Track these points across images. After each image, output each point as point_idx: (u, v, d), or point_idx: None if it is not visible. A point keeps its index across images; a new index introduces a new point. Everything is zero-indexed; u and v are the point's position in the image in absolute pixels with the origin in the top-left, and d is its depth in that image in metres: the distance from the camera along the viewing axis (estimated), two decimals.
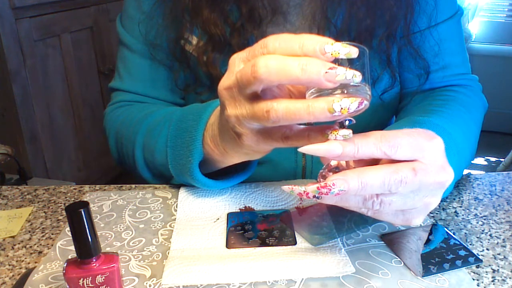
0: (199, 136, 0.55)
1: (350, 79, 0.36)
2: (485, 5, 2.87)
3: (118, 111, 0.74)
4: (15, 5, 1.60)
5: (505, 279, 0.48)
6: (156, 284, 0.48)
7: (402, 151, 0.40)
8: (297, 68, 0.36)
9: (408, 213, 0.43)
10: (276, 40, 0.38)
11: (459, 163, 0.57)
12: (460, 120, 0.62)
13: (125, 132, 0.68)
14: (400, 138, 0.40)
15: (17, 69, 1.64)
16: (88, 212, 0.40)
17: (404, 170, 0.39)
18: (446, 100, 0.67)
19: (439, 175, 0.41)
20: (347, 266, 0.49)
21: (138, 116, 0.68)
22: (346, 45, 0.36)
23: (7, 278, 0.51)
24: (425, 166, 0.40)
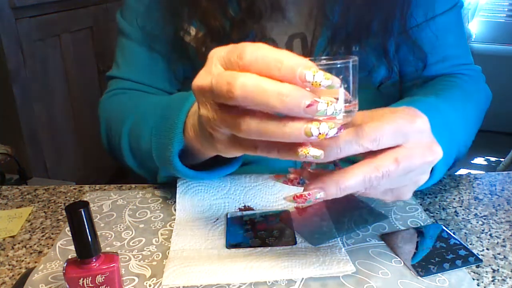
0: (180, 125, 0.53)
1: (331, 113, 0.35)
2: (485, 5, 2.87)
3: (111, 99, 0.73)
4: (15, 5, 1.60)
5: (505, 279, 0.48)
6: (156, 284, 0.48)
7: (384, 141, 0.39)
8: (275, 99, 0.34)
9: (397, 190, 0.44)
10: (253, 54, 0.35)
11: (451, 141, 0.55)
12: (456, 101, 0.61)
13: (114, 120, 0.68)
14: (381, 129, 0.39)
15: (17, 69, 1.64)
16: (88, 212, 0.40)
17: (386, 164, 0.40)
18: (444, 85, 0.67)
19: (426, 156, 0.41)
20: (347, 266, 0.49)
21: (129, 104, 0.68)
22: (329, 75, 0.34)
23: (7, 278, 0.51)
24: (409, 152, 0.40)
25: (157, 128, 0.57)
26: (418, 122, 0.41)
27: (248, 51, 0.36)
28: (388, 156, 0.40)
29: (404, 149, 0.40)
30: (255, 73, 0.35)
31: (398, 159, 0.40)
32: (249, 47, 0.36)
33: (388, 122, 0.40)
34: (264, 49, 0.36)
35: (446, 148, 0.46)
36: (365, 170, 0.39)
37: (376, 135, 0.39)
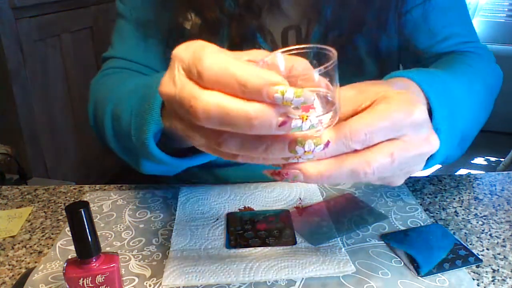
0: (157, 106, 0.48)
1: (307, 128, 0.32)
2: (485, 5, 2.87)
3: (101, 79, 0.71)
4: (15, 5, 1.60)
5: (505, 279, 0.48)
6: (156, 284, 0.48)
7: (376, 139, 0.36)
8: (243, 122, 0.31)
9: (387, 178, 0.41)
10: (211, 69, 0.32)
11: (453, 113, 0.48)
12: (461, 74, 0.56)
13: (100, 100, 0.65)
14: (372, 127, 0.36)
15: (17, 69, 1.64)
16: (88, 212, 0.40)
17: (378, 160, 0.36)
18: (449, 61, 0.63)
19: (422, 148, 0.39)
20: (347, 266, 0.49)
21: (116, 83, 0.64)
22: (300, 92, 0.30)
23: (7, 278, 0.51)
24: (405, 145, 0.37)
25: (136, 108, 0.52)
26: (415, 114, 0.38)
27: (206, 68, 0.32)
28: (381, 151, 0.37)
29: (399, 143, 0.37)
30: (218, 90, 0.32)
31: (393, 154, 0.37)
32: (207, 62, 0.32)
33: (380, 117, 0.36)
34: (225, 64, 0.32)
35: (448, 127, 0.44)
36: (354, 163, 0.36)
37: (366, 135, 0.36)
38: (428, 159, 0.43)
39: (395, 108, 0.37)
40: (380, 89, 0.39)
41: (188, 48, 0.35)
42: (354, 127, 0.36)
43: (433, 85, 0.45)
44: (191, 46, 0.35)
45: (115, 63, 0.73)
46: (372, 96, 0.38)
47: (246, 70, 0.31)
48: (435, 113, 0.43)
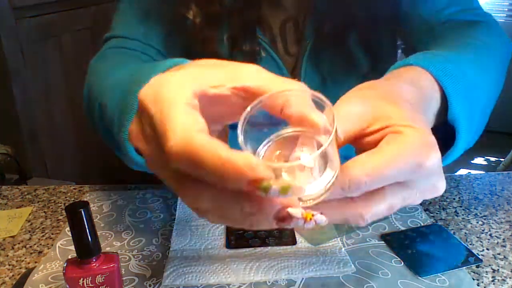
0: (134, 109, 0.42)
1: (310, 227, 0.28)
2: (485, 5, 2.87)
3: (98, 63, 0.69)
4: (15, 5, 1.60)
5: (505, 279, 0.48)
6: (156, 284, 0.48)
7: (380, 185, 0.31)
8: (241, 220, 0.28)
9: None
10: (177, 157, 0.26)
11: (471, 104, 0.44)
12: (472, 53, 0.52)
13: (92, 87, 0.62)
14: (378, 174, 0.30)
15: (17, 69, 1.64)
16: (88, 212, 0.40)
17: (375, 212, 0.32)
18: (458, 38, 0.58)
19: (425, 195, 0.34)
20: (347, 266, 0.49)
21: (110, 69, 0.61)
22: (287, 186, 0.25)
23: (7, 278, 0.51)
24: (409, 194, 0.33)
25: (117, 106, 0.48)
26: (429, 162, 0.32)
27: (173, 155, 0.26)
28: (380, 201, 0.32)
29: (402, 191, 0.32)
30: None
31: (393, 206, 0.32)
32: (173, 147, 0.26)
33: (388, 164, 0.30)
34: (192, 150, 0.26)
35: (466, 108, 0.41)
36: (347, 215, 0.32)
37: (366, 184, 0.30)
38: (448, 155, 0.41)
39: (407, 155, 0.31)
40: (393, 112, 0.34)
41: (155, 97, 0.29)
42: (355, 175, 0.30)
43: (447, 72, 0.41)
44: (159, 97, 0.29)
45: (115, 42, 0.71)
46: (383, 119, 0.33)
47: (219, 161, 0.25)
48: (452, 103, 0.40)
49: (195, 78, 0.30)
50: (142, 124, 0.31)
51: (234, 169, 0.25)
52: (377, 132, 0.34)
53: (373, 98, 0.35)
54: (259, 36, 0.66)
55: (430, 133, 0.34)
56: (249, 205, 0.27)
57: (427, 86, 0.40)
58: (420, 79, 0.41)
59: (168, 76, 0.30)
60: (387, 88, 0.37)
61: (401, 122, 0.33)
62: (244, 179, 0.25)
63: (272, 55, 0.66)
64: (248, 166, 0.25)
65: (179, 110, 0.27)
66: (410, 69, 0.42)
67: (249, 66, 0.31)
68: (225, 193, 0.27)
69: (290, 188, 0.25)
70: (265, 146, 0.30)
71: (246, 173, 0.25)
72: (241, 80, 0.30)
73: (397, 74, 0.42)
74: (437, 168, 0.33)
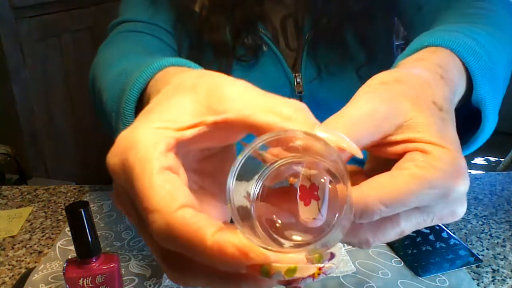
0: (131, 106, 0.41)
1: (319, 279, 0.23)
2: None
3: (105, 48, 0.68)
4: (15, 5, 1.60)
5: (505, 279, 0.48)
6: (156, 284, 0.48)
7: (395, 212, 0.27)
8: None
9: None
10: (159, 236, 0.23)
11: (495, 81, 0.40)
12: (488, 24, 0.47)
13: (96, 76, 0.61)
14: (394, 203, 0.26)
15: (17, 69, 1.64)
16: (88, 212, 0.40)
17: (383, 239, 0.28)
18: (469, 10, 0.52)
19: (443, 221, 0.30)
20: (347, 266, 0.49)
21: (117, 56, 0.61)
22: (293, 269, 0.22)
23: (7, 278, 0.51)
24: (424, 221, 0.29)
25: (115, 99, 0.47)
26: (455, 192, 0.27)
27: (154, 232, 0.23)
28: (393, 228, 0.28)
29: (417, 217, 0.28)
30: None
31: (404, 232, 0.29)
32: (153, 224, 0.23)
33: (408, 192, 0.26)
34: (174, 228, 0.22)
35: (491, 87, 0.37)
36: (350, 239, 0.28)
37: (381, 212, 0.26)
38: (475, 139, 0.38)
39: (433, 183, 0.26)
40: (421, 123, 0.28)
41: (124, 168, 0.25)
42: (368, 203, 0.25)
43: (474, 53, 0.37)
44: (128, 168, 0.24)
45: (123, 27, 0.70)
46: (409, 130, 0.28)
47: (206, 247, 0.21)
48: (479, 83, 0.37)
49: (166, 124, 0.25)
50: (119, 192, 0.27)
51: (224, 257, 0.21)
52: (399, 143, 0.28)
53: (400, 98, 0.29)
54: (261, 31, 0.66)
55: (461, 154, 0.28)
56: (247, 284, 0.23)
57: (456, 75, 0.35)
58: (449, 67, 0.35)
59: (135, 133, 0.25)
60: (416, 84, 0.31)
61: (429, 138, 0.27)
62: (239, 266, 0.22)
63: (274, 50, 0.67)
64: (240, 252, 0.21)
65: (153, 183, 0.23)
66: (437, 52, 0.37)
67: (232, 86, 0.26)
68: (219, 274, 0.23)
69: (297, 269, 0.22)
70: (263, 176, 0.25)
71: (239, 261, 0.21)
72: (222, 108, 0.25)
73: (425, 58, 0.36)
74: (462, 196, 0.28)
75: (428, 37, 0.38)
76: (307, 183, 0.24)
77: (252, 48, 0.66)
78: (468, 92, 0.38)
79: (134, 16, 0.70)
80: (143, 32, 0.68)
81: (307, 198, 0.24)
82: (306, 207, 0.24)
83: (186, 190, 0.24)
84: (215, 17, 0.66)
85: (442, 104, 0.30)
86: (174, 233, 0.22)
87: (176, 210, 0.22)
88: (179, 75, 0.29)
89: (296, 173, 0.24)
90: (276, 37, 0.68)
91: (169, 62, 0.39)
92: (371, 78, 0.31)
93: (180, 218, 0.22)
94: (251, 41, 0.66)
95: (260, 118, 0.25)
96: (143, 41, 0.67)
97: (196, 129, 0.25)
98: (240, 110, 0.25)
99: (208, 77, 0.27)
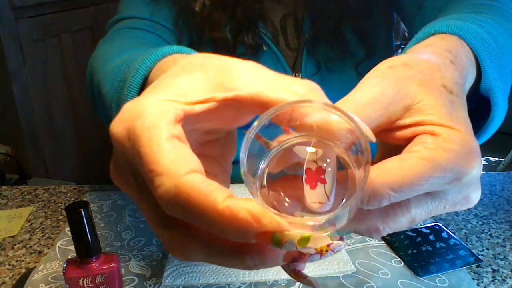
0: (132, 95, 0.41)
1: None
2: None
3: (104, 44, 0.68)
4: (15, 5, 1.60)
5: (505, 279, 0.48)
6: (156, 284, 0.48)
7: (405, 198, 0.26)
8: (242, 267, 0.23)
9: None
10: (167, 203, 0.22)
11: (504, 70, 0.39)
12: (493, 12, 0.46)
13: (94, 70, 0.61)
14: (404, 187, 0.24)
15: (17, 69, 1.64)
16: (88, 212, 0.40)
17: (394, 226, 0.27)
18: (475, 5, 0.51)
19: (456, 208, 0.28)
20: (347, 265, 0.49)
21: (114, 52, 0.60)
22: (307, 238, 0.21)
23: (7, 278, 0.51)
24: (437, 207, 0.27)
25: (114, 92, 0.46)
26: (469, 175, 0.26)
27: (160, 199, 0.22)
28: (403, 214, 0.27)
29: (430, 203, 0.27)
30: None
31: (415, 220, 0.27)
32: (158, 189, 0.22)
33: (420, 175, 0.24)
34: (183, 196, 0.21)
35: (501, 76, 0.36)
36: (359, 227, 0.27)
37: (390, 197, 0.25)
38: (485, 129, 0.37)
39: (445, 165, 0.25)
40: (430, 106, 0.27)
41: (129, 136, 0.24)
42: (376, 188, 0.24)
43: (482, 40, 0.36)
44: (134, 135, 0.23)
45: (122, 24, 0.70)
46: (417, 113, 0.27)
47: (217, 213, 0.21)
48: (488, 70, 0.36)
49: (175, 97, 0.24)
50: (119, 163, 0.26)
51: (235, 222, 0.21)
52: (408, 127, 0.27)
53: (407, 81, 0.28)
54: (261, 31, 0.67)
55: (472, 136, 0.27)
56: (252, 258, 0.23)
57: (465, 61, 0.34)
58: (459, 52, 0.34)
59: (142, 103, 0.24)
60: (425, 68, 0.29)
61: (438, 120, 0.26)
62: (249, 233, 0.21)
63: (274, 49, 0.67)
64: (253, 217, 0.21)
65: (161, 148, 0.22)
66: (446, 38, 0.36)
67: (242, 65, 0.26)
68: (222, 246, 0.23)
69: (311, 239, 0.21)
70: (267, 160, 0.24)
71: (251, 227, 0.21)
72: (233, 85, 0.25)
73: (434, 44, 0.35)
74: (476, 179, 0.27)
75: (435, 25, 0.37)
76: (313, 166, 0.23)
77: (252, 46, 0.66)
78: (477, 82, 0.37)
79: (134, 13, 0.70)
80: (143, 29, 0.68)
81: (313, 181, 0.22)
82: (312, 190, 0.22)
83: (195, 158, 0.23)
84: (216, 14, 0.66)
85: (452, 88, 0.29)
86: (183, 196, 0.21)
87: (185, 174, 0.22)
88: (184, 58, 0.28)
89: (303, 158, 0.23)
90: (276, 37, 0.69)
91: (173, 50, 0.38)
92: (380, 63, 0.30)
93: (190, 181, 0.21)
94: (251, 40, 0.66)
95: (272, 94, 0.24)
96: (143, 38, 0.67)
97: (206, 104, 0.24)
98: (252, 87, 0.24)
99: (217, 58, 0.26)
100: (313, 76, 0.67)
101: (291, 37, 0.69)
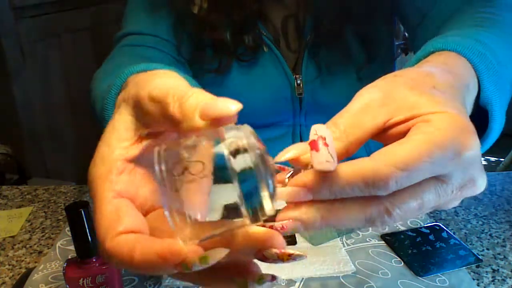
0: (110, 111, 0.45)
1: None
2: None
3: (102, 66, 0.69)
4: (15, 5, 1.60)
5: (505, 279, 0.48)
6: (156, 284, 0.48)
7: (410, 182, 0.26)
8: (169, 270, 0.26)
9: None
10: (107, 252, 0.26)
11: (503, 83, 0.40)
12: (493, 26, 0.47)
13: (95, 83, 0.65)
14: (407, 169, 0.25)
15: (17, 69, 1.64)
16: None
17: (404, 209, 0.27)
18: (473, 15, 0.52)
19: (463, 193, 0.29)
20: (347, 266, 0.49)
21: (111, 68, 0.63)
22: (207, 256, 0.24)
23: (7, 278, 0.51)
24: (443, 191, 0.28)
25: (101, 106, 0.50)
26: (466, 151, 0.27)
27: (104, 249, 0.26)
28: (409, 197, 0.27)
29: (435, 186, 0.27)
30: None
31: (424, 204, 0.27)
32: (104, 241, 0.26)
33: (419, 156, 0.25)
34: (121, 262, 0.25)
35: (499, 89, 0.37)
36: (369, 212, 0.27)
37: (396, 182, 0.25)
38: (484, 141, 0.38)
39: (442, 141, 0.26)
40: (420, 100, 0.29)
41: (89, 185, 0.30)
42: (381, 172, 0.25)
43: (480, 55, 0.37)
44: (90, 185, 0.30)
45: (126, 41, 0.72)
46: (408, 109, 0.28)
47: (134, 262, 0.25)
48: (485, 84, 0.37)
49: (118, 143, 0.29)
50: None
51: (151, 267, 0.25)
52: (401, 123, 0.28)
53: (397, 86, 0.30)
54: (262, 32, 0.66)
55: (466, 117, 0.28)
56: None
57: (463, 72, 0.36)
58: (456, 65, 0.36)
59: (97, 158, 0.30)
60: (415, 75, 0.31)
61: (430, 110, 0.28)
62: (165, 270, 0.25)
63: (275, 51, 0.67)
64: (161, 258, 0.24)
65: (102, 213, 0.27)
66: (443, 54, 0.37)
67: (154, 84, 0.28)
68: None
69: (210, 257, 0.24)
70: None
71: (163, 266, 0.24)
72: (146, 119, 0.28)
73: (430, 60, 0.37)
74: (477, 158, 0.28)
75: (434, 42, 0.39)
76: (315, 137, 0.25)
77: (252, 47, 0.66)
78: (478, 95, 0.38)
79: (136, 28, 0.71)
80: (144, 45, 0.70)
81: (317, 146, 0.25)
82: (318, 152, 0.25)
83: (131, 214, 0.27)
84: (214, 16, 0.66)
85: (445, 89, 0.30)
86: (112, 258, 0.26)
87: (117, 235, 0.26)
88: (122, 92, 0.32)
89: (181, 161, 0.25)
90: (277, 38, 0.68)
91: (140, 68, 0.41)
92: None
93: (115, 246, 0.26)
94: (251, 41, 0.66)
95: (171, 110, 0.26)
96: (144, 54, 0.68)
97: (140, 144, 0.29)
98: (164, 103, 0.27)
99: (134, 87, 0.29)
100: (314, 80, 0.67)
101: (292, 38, 0.69)
